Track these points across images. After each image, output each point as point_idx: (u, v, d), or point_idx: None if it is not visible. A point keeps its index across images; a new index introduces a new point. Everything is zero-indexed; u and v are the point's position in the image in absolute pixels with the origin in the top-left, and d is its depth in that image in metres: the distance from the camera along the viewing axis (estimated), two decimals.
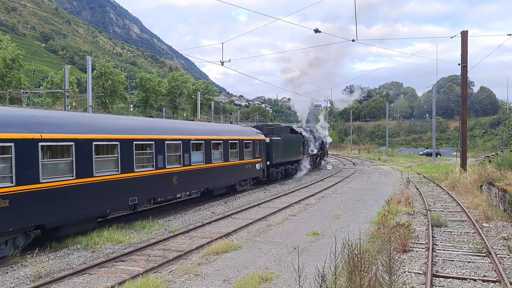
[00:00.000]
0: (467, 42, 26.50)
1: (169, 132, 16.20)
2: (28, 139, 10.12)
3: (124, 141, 13.35)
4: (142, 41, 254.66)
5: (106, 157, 12.76)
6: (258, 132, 25.34)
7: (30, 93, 52.58)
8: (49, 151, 11.10)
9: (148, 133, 14.87)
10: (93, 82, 55.47)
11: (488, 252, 10.19)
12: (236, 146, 21.42)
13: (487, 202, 16.36)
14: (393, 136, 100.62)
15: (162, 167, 15.19)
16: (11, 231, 9.78)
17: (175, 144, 16.23)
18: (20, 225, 9.95)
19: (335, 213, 16.14)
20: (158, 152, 14.99)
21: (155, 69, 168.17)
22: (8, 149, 9.63)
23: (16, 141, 9.79)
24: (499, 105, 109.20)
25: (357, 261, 6.65)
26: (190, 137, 17.24)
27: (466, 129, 27.39)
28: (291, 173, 31.87)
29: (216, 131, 20.39)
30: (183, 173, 16.52)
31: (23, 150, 9.96)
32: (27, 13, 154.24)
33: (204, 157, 18.19)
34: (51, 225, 10.95)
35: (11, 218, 9.63)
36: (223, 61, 22.87)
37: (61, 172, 11.10)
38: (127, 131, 13.86)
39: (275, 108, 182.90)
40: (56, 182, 10.83)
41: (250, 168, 23.17)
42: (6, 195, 9.51)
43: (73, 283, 8.62)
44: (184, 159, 16.63)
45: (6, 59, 53.93)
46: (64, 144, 11.22)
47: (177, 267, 9.47)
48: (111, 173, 12.77)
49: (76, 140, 11.48)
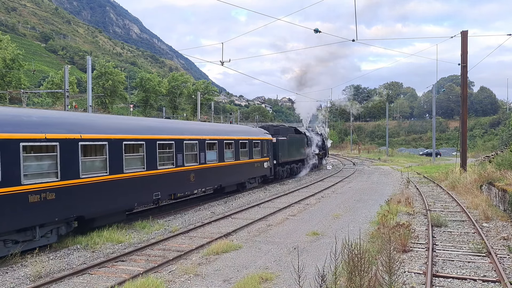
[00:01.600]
0: (467, 42, 26.51)
1: (187, 132, 17.41)
2: (70, 139, 11.37)
3: (149, 141, 14.60)
4: (142, 41, 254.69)
5: (133, 155, 13.98)
6: (265, 132, 26.45)
7: (30, 93, 52.58)
8: (87, 149, 12.17)
9: (168, 133, 16.08)
10: (93, 82, 55.49)
11: (488, 252, 10.19)
12: (246, 145, 22.56)
13: (487, 202, 16.36)
14: (393, 136, 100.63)
15: (181, 165, 16.41)
16: (56, 221, 11.02)
17: (192, 144, 17.47)
18: (64, 215, 11.16)
19: (335, 213, 16.14)
20: (177, 151, 16.22)
21: (155, 69, 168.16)
22: (54, 148, 10.88)
23: (61, 140, 11.05)
24: (499, 105, 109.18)
25: (357, 261, 6.65)
26: (205, 137, 18.47)
27: (466, 129, 27.39)
28: (295, 171, 32.91)
29: (227, 131, 21.62)
30: (199, 170, 17.77)
31: (66, 148, 11.20)
32: (27, 13, 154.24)
33: (217, 156, 19.41)
34: (89, 216, 12.15)
35: (57, 209, 10.87)
36: (223, 61, 22.85)
37: (97, 169, 12.34)
38: (151, 132, 15.08)
39: (275, 108, 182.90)
40: (93, 177, 12.06)
41: (259, 167, 24.35)
42: (53, 188, 10.72)
43: (73, 283, 8.62)
44: (200, 158, 17.85)
45: (6, 59, 53.90)
46: (99, 144, 12.46)
47: (177, 267, 9.47)
48: (138, 170, 13.99)
49: (109, 140, 12.75)
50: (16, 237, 10.16)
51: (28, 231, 10.37)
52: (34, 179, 10.28)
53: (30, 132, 10.29)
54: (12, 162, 9.76)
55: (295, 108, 67.34)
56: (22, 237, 10.32)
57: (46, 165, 10.73)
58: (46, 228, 10.83)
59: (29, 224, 10.21)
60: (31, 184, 10.15)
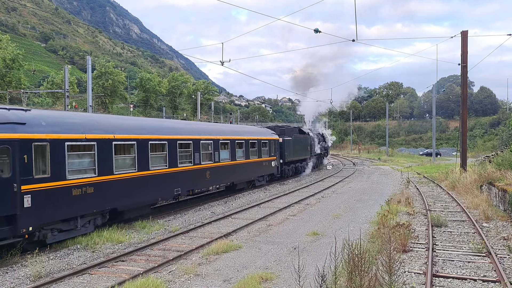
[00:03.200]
0: (467, 42, 26.50)
1: (203, 133, 18.69)
2: (105, 139, 12.65)
3: (170, 141, 15.88)
4: (142, 41, 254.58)
5: (157, 154, 15.25)
6: (272, 133, 27.74)
7: (30, 93, 52.54)
8: (119, 149, 13.36)
9: (187, 134, 17.44)
10: (93, 82, 55.42)
11: (488, 252, 10.18)
12: (255, 145, 23.94)
13: (487, 202, 16.35)
14: (393, 136, 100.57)
15: (198, 163, 17.71)
16: (94, 212, 12.32)
17: (208, 143, 18.74)
18: (100, 207, 12.46)
19: (335, 213, 16.14)
20: (195, 150, 17.53)
21: (155, 69, 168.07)
22: (92, 147, 12.16)
23: (98, 140, 12.33)
24: (499, 105, 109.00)
25: (357, 261, 6.66)
26: (219, 137, 19.78)
27: (466, 129, 27.38)
28: (300, 170, 34.19)
29: (239, 132, 23.06)
30: (214, 168, 19.06)
31: (102, 148, 12.46)
32: (27, 13, 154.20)
33: (230, 155, 20.72)
34: (121, 208, 13.41)
35: (95, 202, 12.14)
36: (223, 61, 22.82)
37: (127, 166, 13.58)
38: (172, 132, 16.38)
39: (275, 108, 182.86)
40: (124, 174, 13.32)
41: (267, 165, 25.69)
42: (92, 183, 12.01)
43: (73, 283, 8.62)
44: (215, 156, 19.16)
45: (6, 59, 53.82)
46: (129, 143, 13.75)
47: (177, 267, 9.47)
48: (161, 167, 15.23)
49: (137, 140, 14.02)
50: (61, 226, 11.40)
51: (71, 221, 11.62)
52: (76, 175, 11.58)
53: (73, 133, 11.58)
54: (59, 160, 11.02)
55: (299, 108, 67.62)
56: (66, 227, 11.57)
57: (86, 163, 12.05)
58: (85, 218, 12.11)
59: (72, 215, 11.54)
60: (74, 179, 11.44)
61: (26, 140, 10.21)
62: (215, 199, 20.00)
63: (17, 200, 9.88)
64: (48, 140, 10.74)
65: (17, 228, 9.91)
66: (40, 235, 10.77)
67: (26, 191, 10.08)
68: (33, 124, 10.56)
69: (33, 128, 10.49)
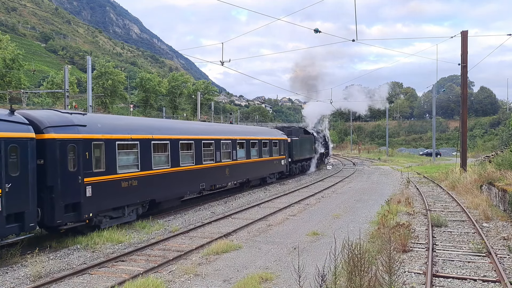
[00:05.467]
0: (467, 42, 26.50)
1: (222, 133, 20.59)
2: (146, 139, 14.52)
3: (196, 141, 17.75)
4: (142, 41, 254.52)
5: (186, 152, 17.06)
6: (282, 133, 29.57)
7: (30, 93, 52.58)
8: (156, 147, 15.08)
9: (210, 134, 19.26)
10: (93, 82, 55.38)
11: (488, 252, 10.18)
12: (267, 145, 25.77)
13: (487, 202, 16.35)
14: (393, 136, 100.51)
15: (219, 161, 19.51)
16: (138, 203, 14.13)
17: (227, 143, 20.63)
18: (143, 198, 14.31)
19: (335, 213, 16.14)
20: (216, 149, 19.33)
21: (155, 69, 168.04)
22: (136, 145, 14.02)
23: (140, 140, 14.21)
24: (499, 105, 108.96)
25: (357, 261, 6.66)
26: (236, 138, 21.70)
27: (466, 129, 27.38)
28: (305, 168, 35.89)
29: (253, 132, 25.13)
30: (233, 166, 20.97)
31: (144, 146, 14.34)
32: (27, 13, 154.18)
33: (245, 154, 22.64)
34: (158, 199, 15.21)
35: (139, 193, 13.98)
36: (223, 61, 22.79)
37: (162, 163, 15.40)
38: (198, 133, 18.23)
39: (275, 108, 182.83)
40: (160, 169, 15.14)
41: (277, 164, 27.53)
42: (136, 177, 13.85)
43: (73, 283, 8.62)
44: (233, 155, 21.04)
45: (6, 59, 53.81)
46: (163, 143, 15.53)
47: (177, 267, 9.47)
48: (189, 164, 17.08)
49: (170, 140, 15.85)
50: (112, 214, 13.18)
51: (119, 209, 13.45)
52: (124, 170, 13.42)
53: (121, 134, 13.49)
54: (112, 156, 12.88)
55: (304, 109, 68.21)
56: (116, 214, 13.34)
57: (131, 159, 13.91)
58: (130, 207, 13.93)
59: (121, 204, 13.41)
60: (122, 173, 13.29)
61: (88, 140, 12.06)
62: (215, 199, 20.00)
63: (81, 190, 11.70)
64: (103, 139, 12.61)
65: (81, 214, 11.69)
66: (96, 221, 12.46)
67: (87, 182, 11.92)
68: (91, 126, 12.42)
69: (92, 129, 12.35)
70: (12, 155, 9.94)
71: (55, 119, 11.60)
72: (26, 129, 10.49)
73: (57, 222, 11.10)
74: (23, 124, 10.54)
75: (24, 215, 10.15)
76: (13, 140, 9.98)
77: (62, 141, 11.29)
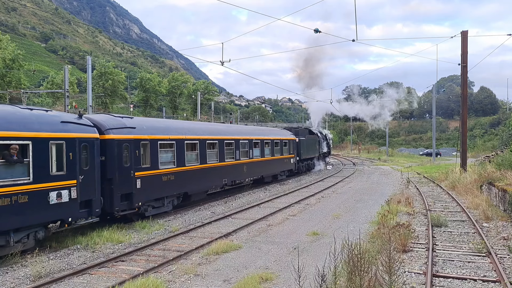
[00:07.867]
0: (467, 42, 26.49)
1: (241, 134, 22.84)
2: (181, 139, 16.49)
3: (220, 140, 19.78)
4: (142, 41, 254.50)
5: (211, 151, 19.01)
6: (291, 134, 31.65)
7: (30, 93, 52.45)
8: (188, 146, 17.00)
9: (231, 135, 21.37)
10: (93, 82, 55.34)
11: (488, 252, 10.18)
12: (278, 144, 27.85)
13: (487, 202, 16.34)
14: (393, 136, 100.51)
15: (238, 159, 21.57)
16: (174, 195, 16.18)
17: (245, 143, 22.73)
18: (178, 191, 16.36)
19: (335, 213, 16.14)
20: (236, 148, 21.40)
21: (155, 69, 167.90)
22: (172, 145, 16.00)
23: (176, 140, 16.19)
24: (499, 105, 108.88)
25: (357, 261, 6.66)
26: (252, 138, 23.78)
27: (466, 129, 27.37)
28: (311, 167, 37.89)
29: (266, 132, 27.34)
30: (249, 164, 23.08)
31: (179, 145, 16.29)
32: (27, 13, 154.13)
33: (260, 153, 24.66)
34: (190, 192, 17.26)
35: (175, 186, 15.98)
36: (223, 61, 22.79)
37: (193, 160, 17.42)
38: (221, 134, 20.29)
39: (275, 108, 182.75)
40: (191, 166, 17.15)
41: (287, 162, 29.59)
42: (173, 172, 15.81)
43: (73, 283, 8.62)
44: (249, 154, 23.12)
45: (6, 59, 53.76)
46: (194, 142, 17.53)
47: (177, 267, 9.47)
48: (214, 162, 19.04)
49: (199, 140, 17.86)
50: (154, 204, 15.09)
51: (160, 200, 15.38)
52: (164, 166, 15.36)
53: (162, 134, 15.45)
54: (155, 154, 14.80)
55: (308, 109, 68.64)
56: (157, 204, 15.31)
57: (169, 156, 15.84)
58: (168, 199, 15.87)
59: (162, 195, 15.41)
60: (163, 169, 15.27)
61: (138, 140, 14.05)
62: (215, 199, 20.01)
63: (133, 182, 13.64)
64: (148, 140, 14.56)
65: (132, 203, 13.67)
66: (142, 209, 14.36)
67: (137, 176, 13.88)
68: (140, 128, 14.41)
69: (140, 131, 14.35)
70: (83, 152, 11.71)
71: (113, 122, 13.61)
72: (92, 130, 12.32)
73: (115, 209, 13.00)
74: (90, 127, 12.30)
75: (92, 202, 11.95)
76: (84, 140, 11.77)
77: (119, 141, 13.23)
